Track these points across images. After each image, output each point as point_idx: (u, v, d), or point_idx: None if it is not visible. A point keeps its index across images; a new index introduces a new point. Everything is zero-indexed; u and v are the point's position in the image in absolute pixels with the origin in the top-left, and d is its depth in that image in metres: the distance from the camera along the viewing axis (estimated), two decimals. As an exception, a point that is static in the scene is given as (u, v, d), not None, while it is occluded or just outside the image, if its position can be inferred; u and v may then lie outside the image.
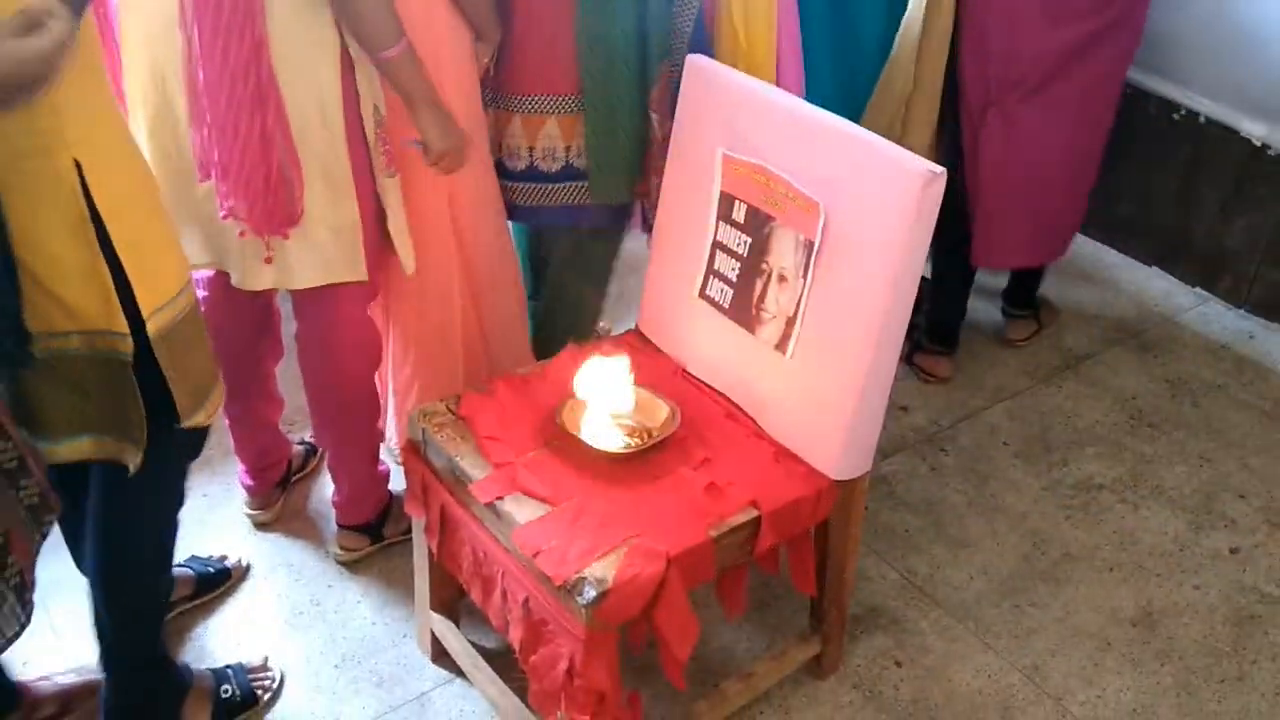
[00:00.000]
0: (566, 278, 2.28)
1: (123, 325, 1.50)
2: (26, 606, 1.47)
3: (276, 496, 2.32)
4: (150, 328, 1.52)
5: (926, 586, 2.21)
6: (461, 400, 1.81)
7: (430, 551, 1.85)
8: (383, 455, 2.24)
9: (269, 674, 1.97)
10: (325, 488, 2.40)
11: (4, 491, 1.44)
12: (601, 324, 2.44)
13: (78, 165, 1.40)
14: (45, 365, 1.49)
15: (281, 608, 2.12)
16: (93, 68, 1.42)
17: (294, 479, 2.38)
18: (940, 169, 1.55)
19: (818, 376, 1.71)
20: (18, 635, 1.45)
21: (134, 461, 1.57)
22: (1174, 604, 2.18)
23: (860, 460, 1.74)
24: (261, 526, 2.28)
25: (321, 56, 1.71)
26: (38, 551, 1.52)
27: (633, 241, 2.30)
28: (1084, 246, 3.25)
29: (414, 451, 1.80)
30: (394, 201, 1.89)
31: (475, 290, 2.15)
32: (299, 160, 1.75)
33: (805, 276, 1.69)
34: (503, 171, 2.12)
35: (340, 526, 2.22)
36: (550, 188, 2.12)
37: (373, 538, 2.22)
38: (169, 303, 1.54)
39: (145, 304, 1.50)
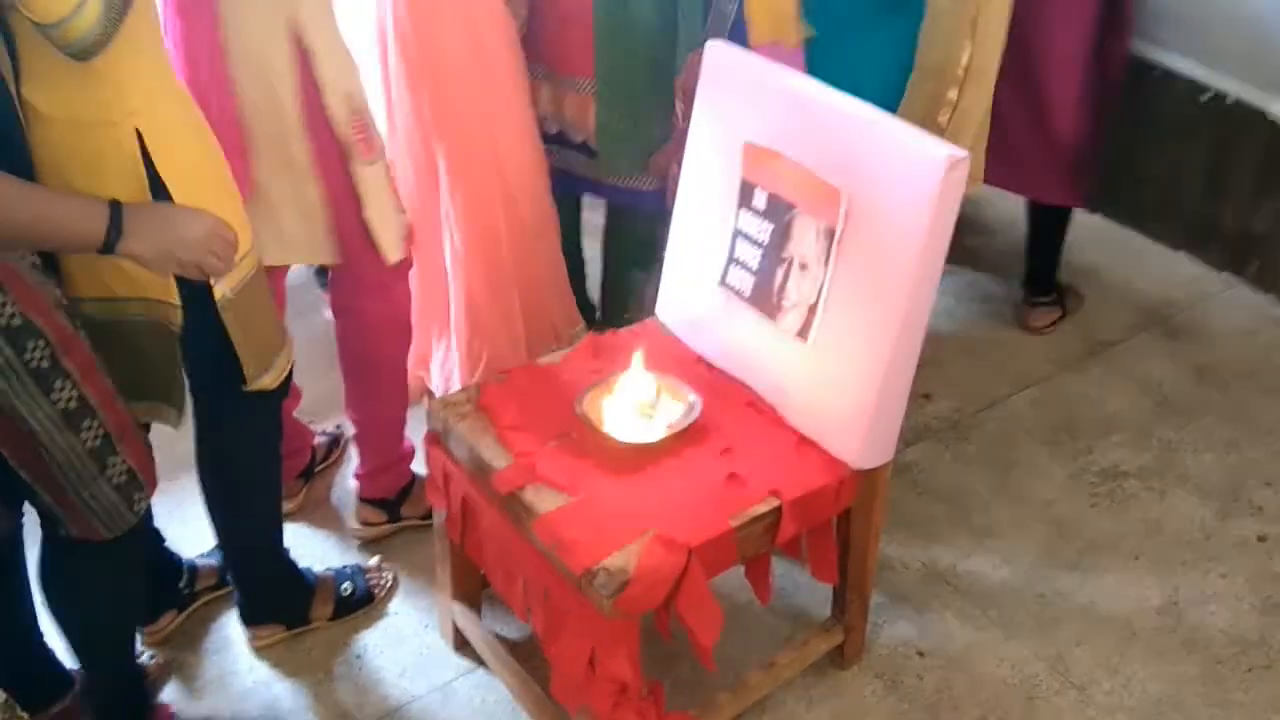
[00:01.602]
0: (609, 255, 2.32)
1: (175, 296, 1.55)
2: (137, 503, 1.56)
3: (298, 487, 2.33)
4: (216, 293, 1.57)
5: (949, 576, 2.20)
6: (482, 390, 1.81)
7: (452, 541, 1.85)
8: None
9: (384, 572, 2.13)
10: (349, 479, 2.41)
11: (91, 470, 1.49)
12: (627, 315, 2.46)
13: (139, 134, 1.44)
14: (106, 328, 1.54)
15: (305, 597, 2.14)
16: (150, 39, 1.46)
17: (317, 469, 2.40)
18: (964, 153, 1.53)
19: (839, 364, 1.70)
20: (129, 524, 1.56)
21: (173, 422, 1.67)
22: (1200, 593, 2.16)
23: (882, 448, 1.74)
24: (284, 517, 2.30)
25: (273, 47, 1.72)
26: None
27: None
28: (1110, 230, 3.22)
29: (435, 442, 1.81)
30: (372, 190, 1.88)
31: (519, 256, 2.17)
32: (247, 140, 1.75)
33: (826, 264, 1.68)
34: (560, 143, 2.18)
35: (360, 500, 2.25)
36: (579, 158, 2.18)
37: (390, 515, 2.25)
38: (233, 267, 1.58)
39: None
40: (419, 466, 2.26)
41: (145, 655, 1.99)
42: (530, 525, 1.59)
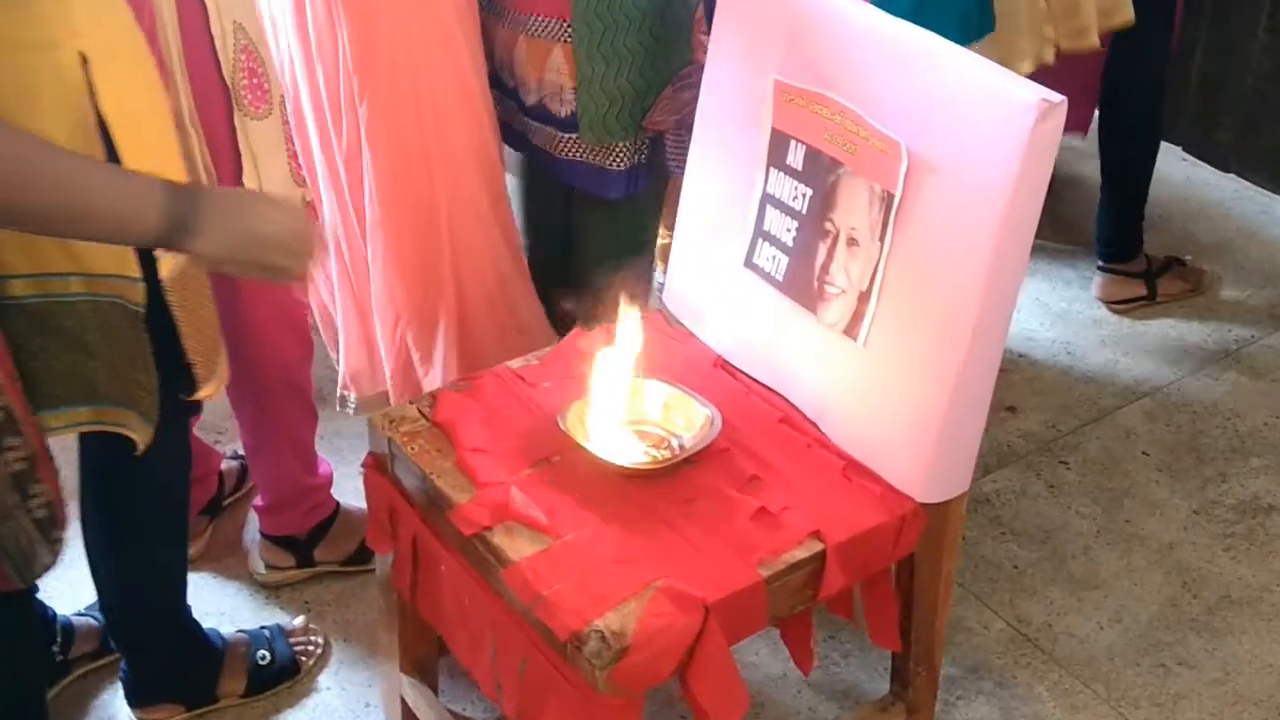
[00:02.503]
0: (590, 243, 2.32)
1: (135, 268, 1.56)
2: (55, 544, 1.57)
3: (203, 525, 2.34)
4: (163, 270, 1.58)
5: (1042, 639, 2.20)
6: (438, 402, 1.81)
7: (400, 596, 1.85)
8: (322, 450, 2.28)
9: (313, 636, 2.14)
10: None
11: (10, 500, 1.50)
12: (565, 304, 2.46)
13: (84, 60, 1.45)
14: (37, 314, 1.55)
15: (210, 668, 2.14)
16: None
17: (225, 503, 2.40)
18: (1060, 98, 1.53)
19: (899, 369, 1.70)
20: (47, 569, 1.57)
21: (142, 437, 1.67)
22: (1367, 662, 2.17)
23: (955, 477, 1.74)
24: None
25: None
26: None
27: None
28: (1250, 196, 3.23)
29: (378, 468, 1.81)
30: (260, 151, 1.90)
31: (462, 245, 2.19)
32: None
33: (883, 239, 1.68)
34: (519, 103, 2.17)
35: (262, 536, 2.28)
36: (560, 137, 2.15)
37: (300, 559, 2.27)
38: None
39: None
40: (352, 497, 2.27)
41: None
42: (501, 576, 1.59)
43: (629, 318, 1.80)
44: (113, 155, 1.52)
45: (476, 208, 2.16)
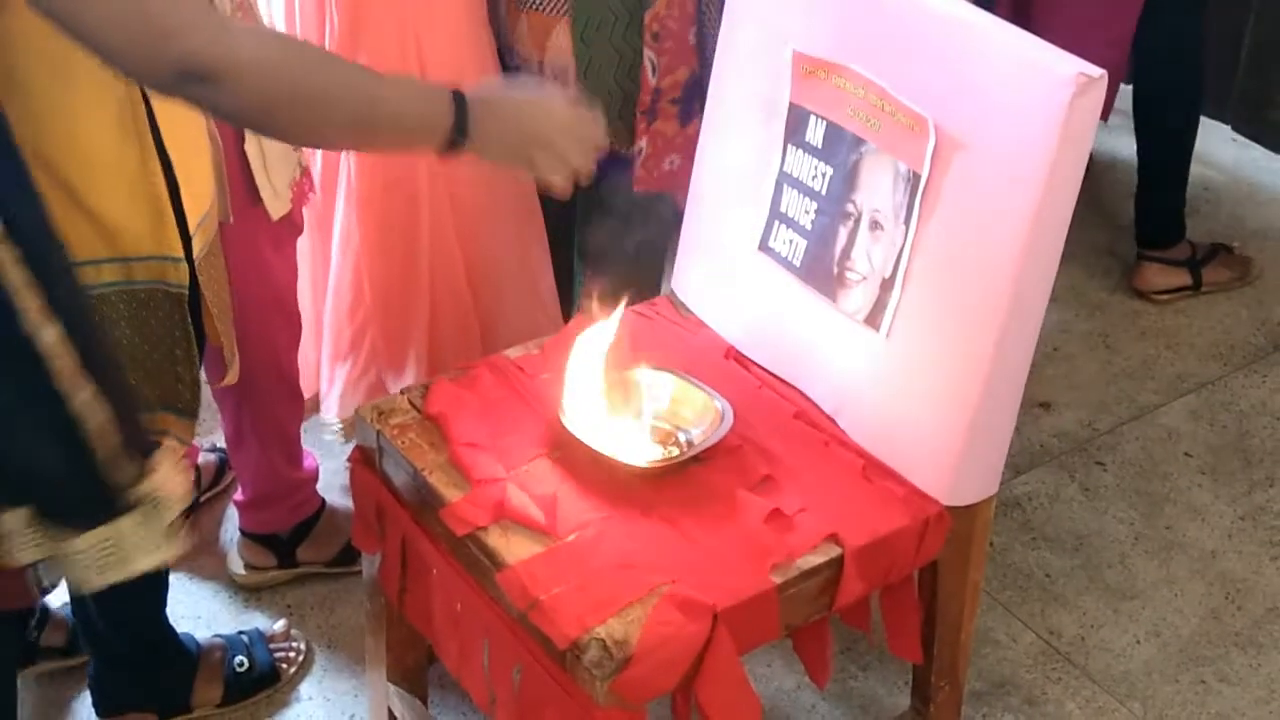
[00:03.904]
0: (600, 228, 2.33)
1: (177, 246, 1.59)
2: None
3: (178, 523, 2.34)
4: (196, 244, 1.62)
5: (1075, 653, 2.20)
6: (430, 393, 1.81)
7: (388, 600, 1.86)
8: (309, 443, 2.30)
9: (295, 642, 2.14)
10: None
11: None
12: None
13: None
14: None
15: (185, 675, 2.15)
16: None
17: (202, 499, 2.41)
18: (1100, 71, 1.53)
19: (924, 362, 1.70)
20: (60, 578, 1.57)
21: (187, 434, 1.71)
22: None
23: (983, 478, 1.74)
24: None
25: None
26: None
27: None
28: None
29: (365, 463, 1.81)
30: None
31: (464, 230, 2.21)
32: None
33: (908, 222, 1.68)
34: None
35: (242, 533, 2.29)
36: None
37: (281, 559, 2.28)
38: (207, 214, 1.64)
39: (191, 214, 1.59)
40: (338, 494, 2.28)
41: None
42: (496, 579, 1.60)
43: (635, 306, 1.80)
44: (155, 133, 1.55)
45: (474, 198, 2.18)
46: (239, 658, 2.10)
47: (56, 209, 1.48)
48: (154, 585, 1.98)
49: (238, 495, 2.29)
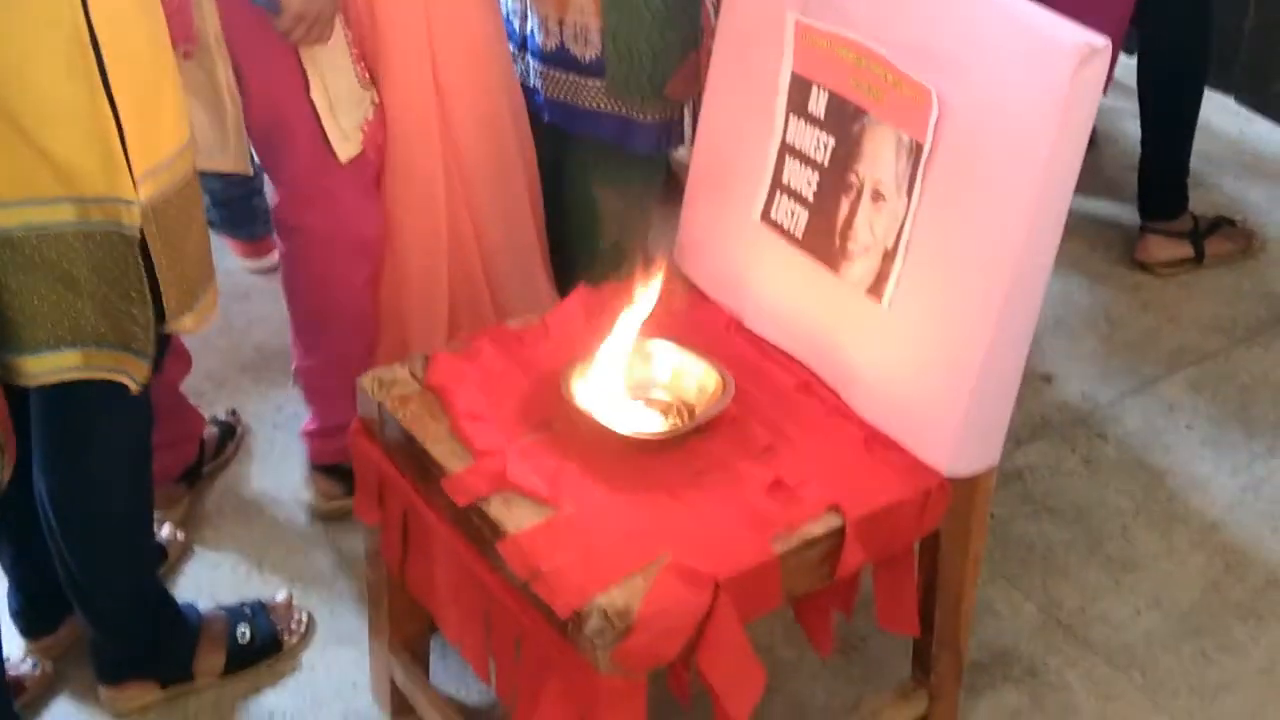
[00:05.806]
0: (592, 193, 2.32)
1: (129, 188, 1.59)
2: None
3: (180, 493, 2.34)
4: (142, 190, 1.61)
5: (1075, 624, 2.21)
6: (431, 364, 1.81)
7: (389, 570, 1.86)
8: None
9: (297, 611, 2.16)
10: (249, 482, 2.43)
11: None
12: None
13: None
14: (20, 246, 1.58)
15: (188, 646, 2.16)
16: None
17: (205, 470, 2.41)
18: (1104, 40, 1.52)
19: (926, 333, 1.70)
20: None
21: (140, 374, 1.70)
22: None
23: (984, 450, 1.74)
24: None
25: None
26: None
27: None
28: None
29: (367, 434, 1.81)
30: (321, 61, 1.96)
31: (476, 211, 2.24)
32: None
33: (910, 193, 1.68)
34: (533, 49, 2.18)
35: (312, 466, 2.34)
36: (582, 82, 2.16)
37: (349, 487, 2.27)
38: (164, 164, 1.63)
39: (136, 162, 1.58)
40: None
41: (29, 664, 2.07)
42: (497, 549, 1.60)
43: (636, 276, 1.80)
44: (104, 76, 1.54)
45: (486, 166, 2.20)
46: (241, 628, 2.11)
47: (10, 148, 1.50)
48: (131, 539, 1.98)
49: (308, 425, 2.34)
